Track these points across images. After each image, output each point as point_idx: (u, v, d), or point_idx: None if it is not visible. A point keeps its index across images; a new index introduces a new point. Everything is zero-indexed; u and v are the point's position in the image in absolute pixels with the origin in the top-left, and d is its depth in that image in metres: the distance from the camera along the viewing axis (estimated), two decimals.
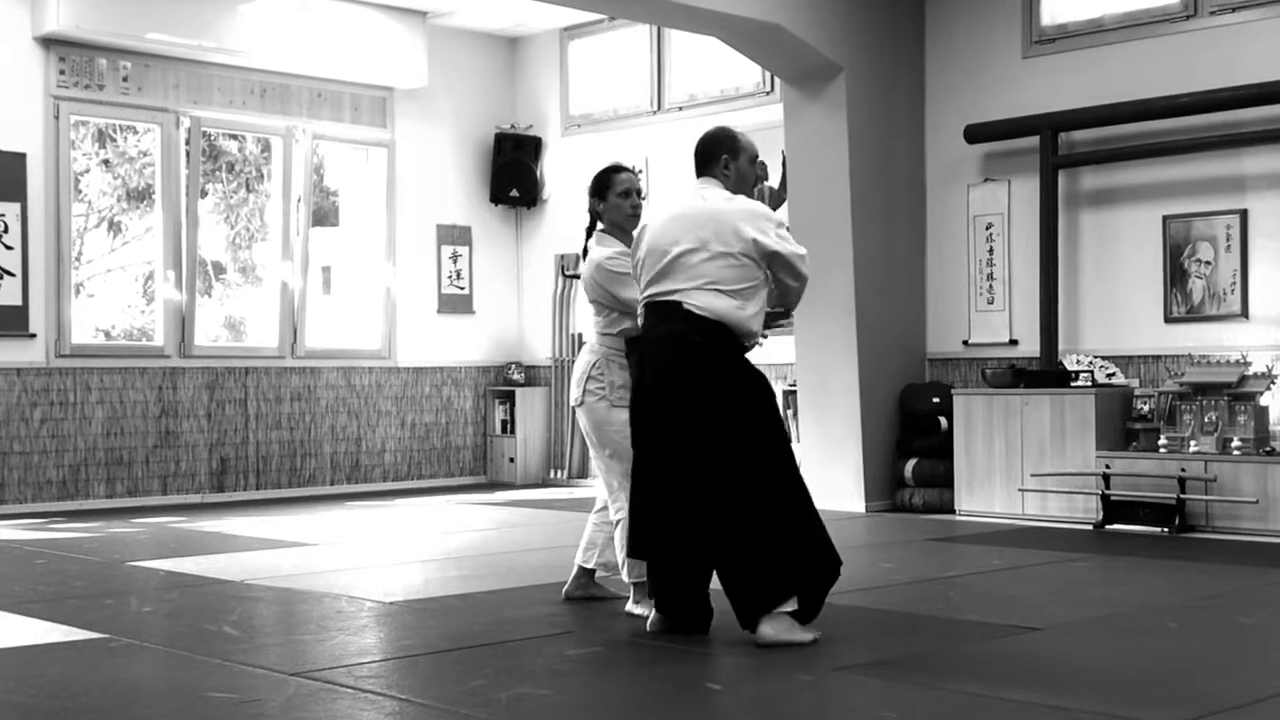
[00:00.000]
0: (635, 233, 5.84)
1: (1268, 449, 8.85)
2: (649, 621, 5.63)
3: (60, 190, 10.89)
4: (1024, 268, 10.36)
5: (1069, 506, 9.50)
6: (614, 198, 6.19)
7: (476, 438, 13.39)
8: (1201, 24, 9.58)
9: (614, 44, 12.78)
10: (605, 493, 6.18)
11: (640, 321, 5.71)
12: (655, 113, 12.42)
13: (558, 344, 13.21)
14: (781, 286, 5.66)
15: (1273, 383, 8.97)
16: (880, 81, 10.60)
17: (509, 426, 13.25)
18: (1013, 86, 10.42)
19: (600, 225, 6.25)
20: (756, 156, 5.78)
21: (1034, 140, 10.12)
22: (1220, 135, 9.42)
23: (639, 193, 6.27)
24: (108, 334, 13.19)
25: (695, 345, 5.44)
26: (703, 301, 5.44)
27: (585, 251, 6.27)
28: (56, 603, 6.51)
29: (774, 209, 11.40)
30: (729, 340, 5.48)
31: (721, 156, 5.68)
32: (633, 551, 5.67)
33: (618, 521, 5.99)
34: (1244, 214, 9.39)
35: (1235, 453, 8.85)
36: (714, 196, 5.61)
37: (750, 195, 5.70)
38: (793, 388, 10.94)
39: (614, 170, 6.31)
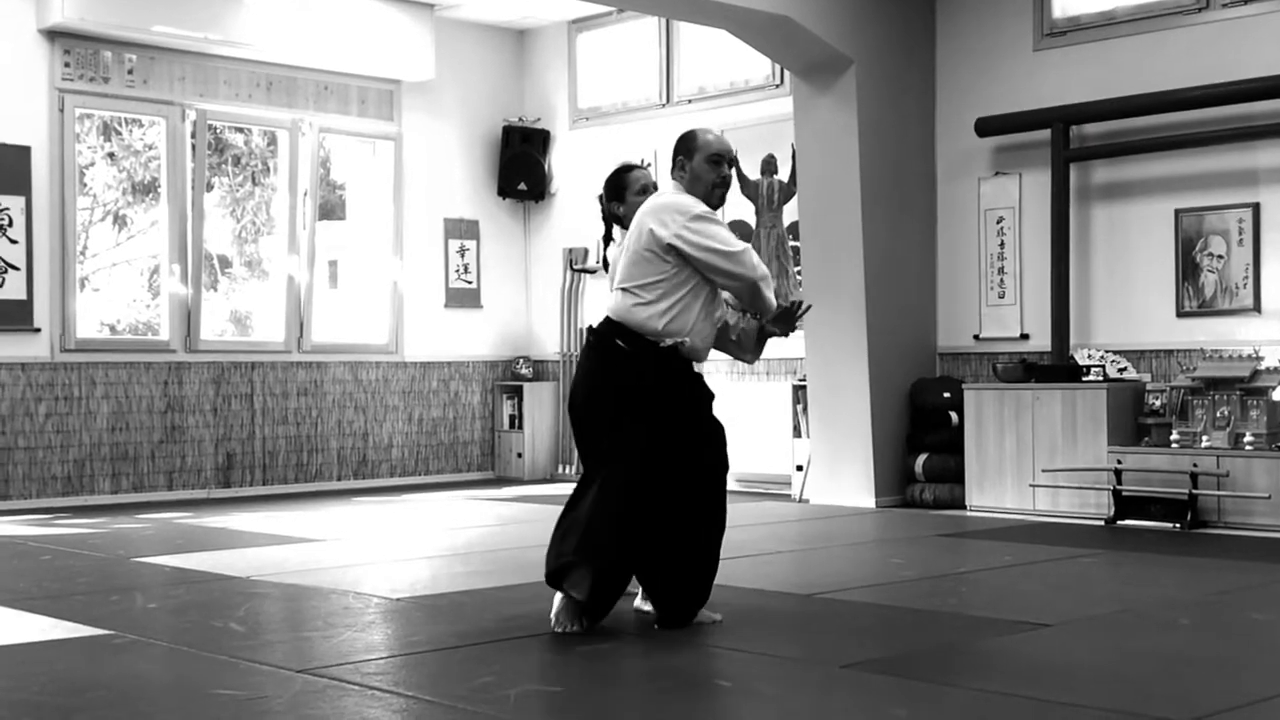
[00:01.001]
0: None
1: None
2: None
3: (65, 184, 10.85)
4: (1035, 262, 10.30)
5: (1080, 502, 9.46)
6: (632, 196, 6.15)
7: (484, 433, 13.36)
8: (1214, 16, 9.52)
9: (622, 36, 12.73)
10: None
11: None
12: (664, 106, 12.36)
13: (566, 338, 13.17)
14: (724, 288, 5.57)
15: None
16: (891, 74, 10.54)
17: (517, 421, 13.20)
18: (1024, 79, 10.36)
19: (620, 227, 6.21)
20: (719, 155, 5.62)
21: (1045, 133, 10.07)
22: (1233, 128, 9.36)
23: (655, 186, 6.23)
24: (113, 328, 13.16)
25: (589, 345, 5.60)
26: (613, 302, 5.55)
27: (606, 262, 6.23)
28: (61, 599, 6.47)
29: (783, 203, 11.36)
30: (630, 340, 5.47)
31: (678, 158, 5.67)
32: None
33: None
34: (1256, 207, 9.33)
35: (1248, 448, 8.80)
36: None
37: (706, 195, 5.58)
38: (802, 383, 10.89)
39: (625, 170, 6.27)
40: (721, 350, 5.92)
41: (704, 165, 5.61)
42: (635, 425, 5.43)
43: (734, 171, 6.74)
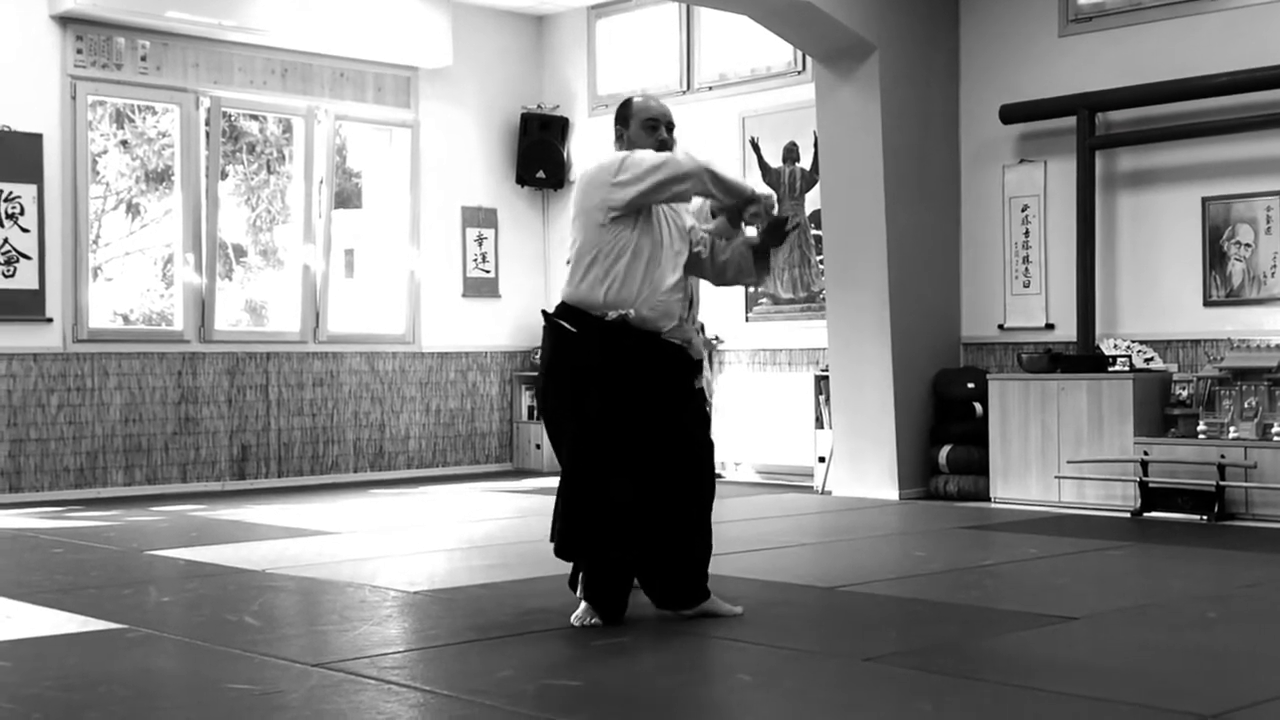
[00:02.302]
0: None
1: None
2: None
3: (78, 172, 10.80)
4: (1060, 250, 10.21)
5: (1106, 494, 9.37)
6: None
7: (502, 424, 13.29)
8: (1241, 1, 9.41)
9: (642, 22, 12.67)
10: None
11: None
12: (684, 93, 12.27)
13: None
14: (686, 197, 5.49)
15: None
16: (914, 61, 10.45)
17: (535, 413, 13.13)
18: (1049, 66, 10.26)
19: None
20: (655, 120, 5.58)
21: (1070, 120, 9.97)
22: (1260, 115, 9.27)
23: None
24: (126, 318, 13.14)
25: (543, 330, 5.61)
26: (563, 284, 5.57)
27: None
28: (74, 592, 6.44)
29: (805, 190, 11.29)
30: (576, 319, 5.43)
31: (617, 127, 5.67)
32: None
33: None
34: None
35: (1275, 439, 8.71)
36: None
37: None
38: (825, 373, 10.82)
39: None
40: (729, 283, 5.88)
41: (639, 131, 5.60)
42: (589, 400, 5.37)
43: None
